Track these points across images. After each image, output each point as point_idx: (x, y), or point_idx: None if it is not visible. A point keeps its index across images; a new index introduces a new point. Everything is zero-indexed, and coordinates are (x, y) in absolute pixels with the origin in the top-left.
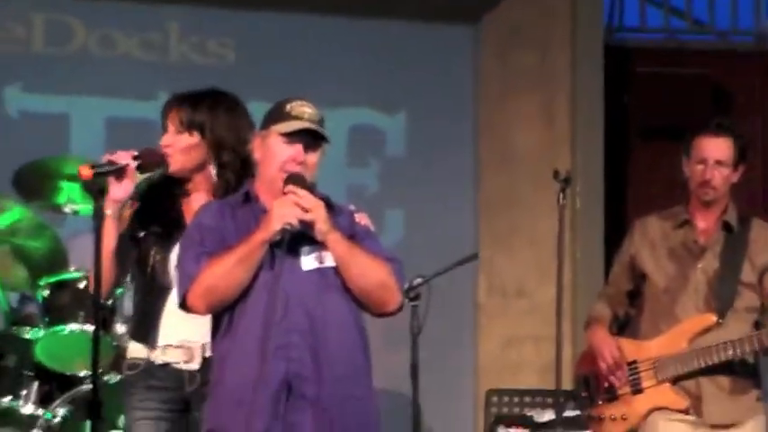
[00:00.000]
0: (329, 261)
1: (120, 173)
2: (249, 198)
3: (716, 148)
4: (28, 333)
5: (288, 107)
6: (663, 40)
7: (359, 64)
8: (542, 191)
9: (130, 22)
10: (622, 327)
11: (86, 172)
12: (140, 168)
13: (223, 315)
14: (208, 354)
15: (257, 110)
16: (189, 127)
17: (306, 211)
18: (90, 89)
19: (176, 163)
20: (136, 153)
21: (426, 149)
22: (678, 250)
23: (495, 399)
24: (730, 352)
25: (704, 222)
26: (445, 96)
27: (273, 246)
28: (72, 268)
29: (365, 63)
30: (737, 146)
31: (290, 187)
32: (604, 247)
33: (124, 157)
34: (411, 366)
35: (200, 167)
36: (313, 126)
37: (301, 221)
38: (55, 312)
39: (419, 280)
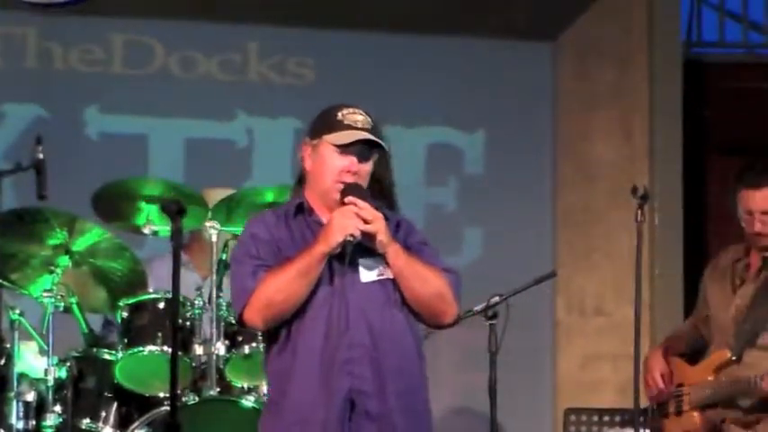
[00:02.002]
0: (388, 273)
1: None
2: (302, 209)
3: (761, 200)
4: (107, 354)
5: (339, 115)
6: (741, 55)
7: (437, 82)
8: (621, 207)
9: (210, 43)
10: (700, 349)
11: None
12: None
13: (279, 330)
14: None
15: None
16: None
17: (367, 222)
18: (169, 110)
19: None
20: None
21: (505, 167)
22: (730, 284)
23: (573, 417)
24: (739, 387)
25: (756, 259)
26: (523, 114)
27: (333, 258)
28: (151, 289)
29: (443, 81)
30: None
31: (351, 198)
32: (683, 264)
33: None
34: (489, 385)
35: None
36: (369, 136)
37: (362, 233)
38: (134, 333)
39: (497, 298)
